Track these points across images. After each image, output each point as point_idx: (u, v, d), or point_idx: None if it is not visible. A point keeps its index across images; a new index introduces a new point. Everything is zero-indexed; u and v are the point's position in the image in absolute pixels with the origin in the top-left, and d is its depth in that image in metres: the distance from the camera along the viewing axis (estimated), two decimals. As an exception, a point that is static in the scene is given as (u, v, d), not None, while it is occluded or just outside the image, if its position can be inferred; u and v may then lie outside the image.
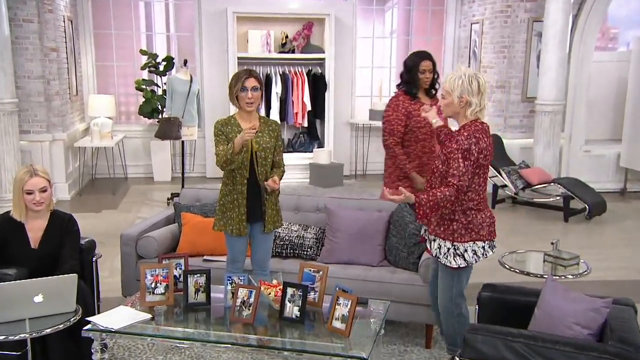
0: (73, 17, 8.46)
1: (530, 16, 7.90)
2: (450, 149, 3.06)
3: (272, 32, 8.40)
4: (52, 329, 2.77)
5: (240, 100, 3.42)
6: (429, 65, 4.08)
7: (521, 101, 8.16)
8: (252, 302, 3.03)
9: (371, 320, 3.16)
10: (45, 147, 7.43)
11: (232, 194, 3.46)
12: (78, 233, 3.39)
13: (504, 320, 2.84)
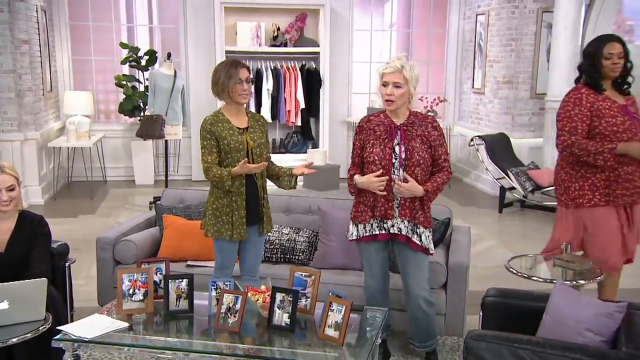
0: (47, 7, 8.46)
1: (540, 6, 7.93)
2: (434, 136, 3.24)
3: (262, 24, 8.43)
4: (18, 339, 2.73)
5: (234, 92, 3.37)
6: (618, 49, 3.46)
7: (530, 98, 8.19)
8: (238, 309, 3.01)
9: (367, 328, 3.15)
10: (16, 147, 7.41)
11: (229, 196, 3.41)
12: (49, 235, 3.35)
13: (510, 326, 2.82)
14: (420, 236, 3.24)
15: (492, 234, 6.73)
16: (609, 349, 2.50)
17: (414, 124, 3.25)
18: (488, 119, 8.80)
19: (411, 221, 3.23)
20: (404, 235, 3.26)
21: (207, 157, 3.38)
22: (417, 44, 10.17)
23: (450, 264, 3.70)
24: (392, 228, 3.27)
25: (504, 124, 8.30)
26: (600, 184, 3.54)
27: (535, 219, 7.26)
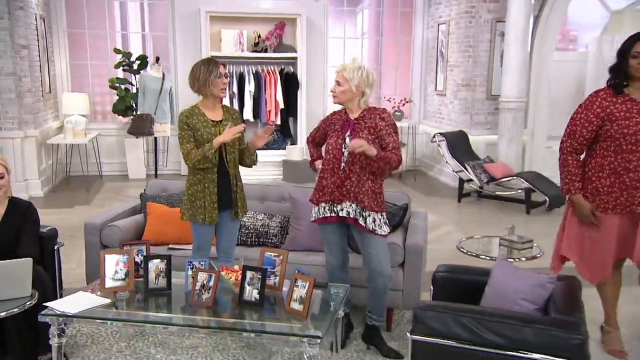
0: (45, 15, 8.32)
1: (494, 17, 7.98)
2: (376, 124, 3.23)
3: (244, 31, 8.38)
4: (6, 313, 2.71)
5: (215, 86, 3.34)
6: None
7: (486, 99, 8.24)
8: (212, 286, 2.99)
9: (331, 303, 3.15)
10: (17, 144, 7.30)
11: (202, 183, 3.38)
12: (37, 221, 3.31)
13: (458, 299, 2.83)
14: (366, 219, 3.24)
15: (451, 220, 6.76)
16: (541, 315, 2.52)
17: (365, 117, 3.27)
18: (449, 118, 8.84)
19: (359, 205, 3.24)
20: (352, 217, 3.26)
21: (186, 145, 3.36)
22: (386, 50, 10.19)
23: (407, 244, 3.70)
24: (342, 211, 3.27)
25: (463, 122, 8.35)
26: (603, 189, 3.17)
27: (490, 207, 7.32)
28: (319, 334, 2.72)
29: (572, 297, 2.58)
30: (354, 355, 3.43)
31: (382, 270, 3.32)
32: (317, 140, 3.55)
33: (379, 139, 3.21)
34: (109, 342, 3.53)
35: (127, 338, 3.57)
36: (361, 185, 3.22)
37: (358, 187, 3.23)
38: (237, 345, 3.49)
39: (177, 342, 3.54)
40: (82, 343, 3.51)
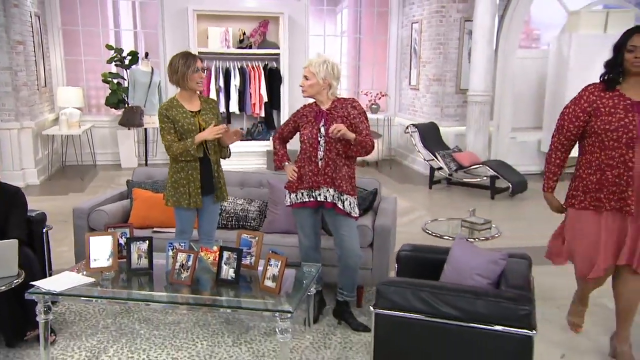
0: (40, 13, 8.17)
1: (462, 16, 7.98)
2: (349, 113, 3.22)
3: (230, 29, 8.27)
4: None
5: (192, 80, 3.29)
6: None
7: (455, 93, 8.26)
8: (190, 265, 2.97)
9: (303, 281, 3.15)
10: (13, 135, 7.18)
11: (185, 170, 3.34)
12: (25, 205, 3.26)
13: (420, 275, 2.84)
14: (344, 202, 3.24)
15: (422, 205, 6.79)
16: (493, 289, 2.54)
17: (336, 107, 3.25)
18: (422, 110, 8.85)
19: (337, 190, 3.23)
20: (330, 202, 3.26)
21: (167, 137, 3.32)
22: (364, 47, 10.16)
23: (376, 226, 3.70)
24: (320, 196, 3.27)
25: (434, 114, 8.36)
26: (592, 186, 2.86)
27: (458, 193, 7.36)
28: (290, 309, 2.72)
29: (522, 273, 2.61)
30: (325, 329, 3.43)
31: (353, 249, 3.33)
32: (285, 135, 3.49)
33: (352, 127, 3.19)
34: (95, 319, 3.51)
35: (113, 315, 3.54)
36: (338, 171, 3.23)
37: (335, 173, 3.23)
38: (216, 321, 3.48)
39: (160, 318, 3.52)
40: (70, 320, 3.48)
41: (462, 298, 2.41)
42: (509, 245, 4.58)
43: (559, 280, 3.83)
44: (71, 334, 3.31)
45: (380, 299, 2.55)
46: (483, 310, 2.37)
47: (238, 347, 3.19)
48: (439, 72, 8.26)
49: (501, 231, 3.83)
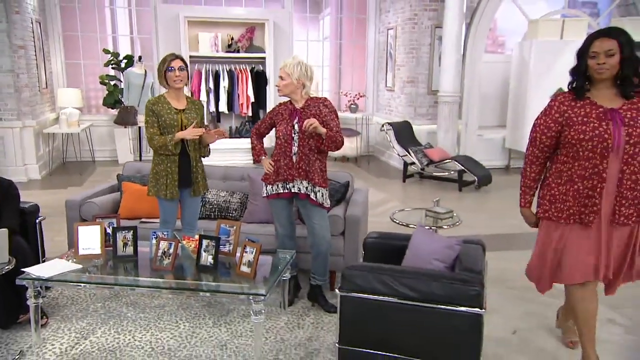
0: (42, 19, 8.04)
1: (433, 24, 7.98)
2: (320, 111, 3.19)
3: (219, 34, 8.21)
4: (-16, 278, 2.62)
5: (169, 78, 3.29)
6: (607, 45, 2.37)
7: (427, 94, 8.26)
8: (172, 253, 2.95)
9: (278, 266, 3.13)
10: (16, 133, 7.07)
11: (165, 163, 3.32)
12: (17, 197, 3.20)
13: (384, 260, 2.81)
14: (317, 194, 3.23)
15: (396, 197, 6.80)
16: (447, 272, 2.55)
17: (309, 106, 3.24)
18: (397, 110, 8.86)
19: (310, 182, 3.22)
20: (304, 193, 3.25)
21: (150, 129, 3.30)
22: (345, 52, 10.13)
23: (347, 216, 3.69)
24: (294, 188, 3.25)
25: (408, 114, 8.37)
26: (559, 197, 2.57)
27: (429, 185, 7.38)
28: (263, 292, 2.72)
29: (475, 257, 2.62)
30: (300, 311, 3.43)
31: (324, 237, 3.32)
32: (262, 131, 3.47)
33: (323, 124, 3.17)
34: (86, 302, 3.47)
35: (103, 299, 3.51)
36: (311, 165, 3.22)
37: (309, 167, 3.22)
38: (198, 305, 3.46)
39: (146, 302, 3.49)
40: (62, 304, 3.45)
41: (419, 280, 2.41)
42: (472, 233, 4.60)
43: (512, 265, 3.86)
44: (62, 317, 3.27)
45: (345, 282, 2.54)
46: (438, 291, 2.38)
47: (218, 328, 3.18)
48: (412, 75, 8.26)
49: (462, 220, 3.84)
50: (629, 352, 3.05)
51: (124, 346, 2.96)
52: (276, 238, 3.49)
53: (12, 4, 6.92)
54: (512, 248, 4.59)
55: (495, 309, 3.38)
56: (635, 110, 2.42)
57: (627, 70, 2.38)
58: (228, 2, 9.26)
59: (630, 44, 2.36)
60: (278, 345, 3.00)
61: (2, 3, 6.79)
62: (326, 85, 10.23)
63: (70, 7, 8.62)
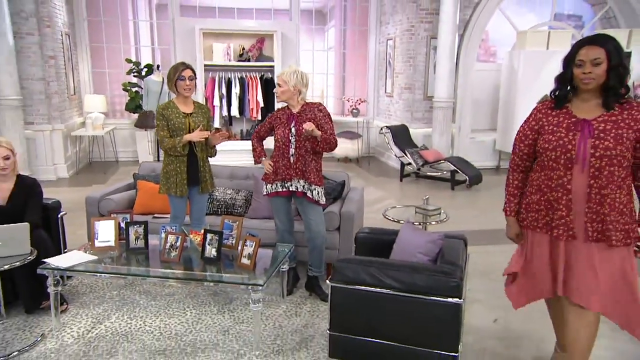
0: (71, 32, 8.12)
1: (429, 34, 7.92)
2: (315, 115, 3.19)
3: (232, 44, 8.23)
4: (9, 266, 2.66)
5: (179, 87, 3.32)
6: (594, 54, 2.08)
7: (423, 99, 8.21)
8: (178, 246, 2.97)
9: (277, 259, 3.14)
10: (46, 135, 7.15)
11: (175, 163, 3.35)
12: (41, 194, 3.24)
13: (374, 254, 2.83)
14: (312, 192, 3.23)
15: (393, 196, 6.77)
16: (429, 264, 2.53)
17: (305, 111, 3.23)
18: (395, 114, 8.82)
19: (306, 181, 3.23)
20: (301, 191, 3.25)
21: (160, 132, 3.33)
22: (348, 61, 10.11)
23: (342, 212, 3.69)
24: (291, 187, 3.26)
25: (405, 118, 8.33)
26: (533, 206, 2.32)
27: (424, 185, 7.34)
28: (261, 283, 2.73)
29: (456, 251, 2.60)
30: (298, 300, 3.43)
31: (319, 231, 3.32)
32: (262, 134, 3.46)
33: (318, 127, 3.17)
34: (102, 290, 3.51)
35: (118, 288, 3.54)
36: (307, 165, 3.22)
37: (305, 167, 3.22)
38: (205, 293, 3.48)
39: (157, 290, 3.52)
40: (81, 292, 3.48)
41: (403, 272, 2.41)
42: (463, 228, 4.57)
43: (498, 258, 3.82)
44: (81, 304, 3.31)
45: (335, 274, 2.54)
46: (420, 282, 2.37)
47: (222, 315, 3.20)
48: (409, 82, 8.22)
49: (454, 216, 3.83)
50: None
51: (135, 331, 2.99)
52: (276, 233, 3.49)
53: (44, 19, 7.00)
54: (499, 242, 4.56)
55: (479, 299, 3.36)
56: (611, 122, 2.10)
57: (613, 80, 2.07)
58: (240, 15, 9.29)
59: (618, 52, 2.08)
60: (276, 331, 3.01)
61: (35, 18, 6.87)
62: (331, 92, 10.22)
63: (97, 21, 8.71)
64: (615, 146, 2.07)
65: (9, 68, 6.40)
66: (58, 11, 7.47)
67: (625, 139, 2.08)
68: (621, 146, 2.07)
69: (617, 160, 2.09)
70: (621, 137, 2.08)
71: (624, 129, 2.08)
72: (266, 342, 2.88)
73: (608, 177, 2.11)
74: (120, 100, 9.08)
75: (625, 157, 2.10)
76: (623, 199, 2.14)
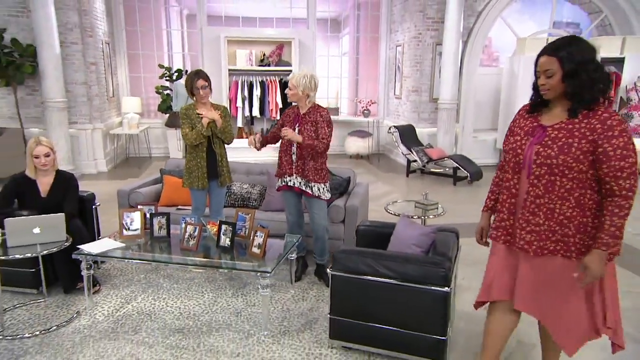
0: (110, 41, 8.26)
1: (434, 41, 7.80)
2: (317, 119, 3.15)
3: (253, 51, 8.25)
4: (48, 251, 2.75)
5: (196, 95, 3.37)
6: (545, 64, 1.85)
7: (429, 101, 8.10)
8: (196, 235, 3.02)
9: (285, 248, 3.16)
10: (88, 134, 7.31)
11: (196, 160, 3.41)
12: (77, 187, 3.31)
13: (374, 245, 2.84)
14: (312, 188, 3.23)
15: (399, 190, 6.72)
16: (421, 255, 2.51)
17: (310, 113, 3.22)
18: (403, 115, 8.73)
19: (304, 178, 3.23)
20: (297, 187, 3.26)
21: (185, 129, 3.39)
22: (361, 65, 10.02)
23: (347, 206, 3.70)
24: (290, 182, 3.27)
25: (412, 118, 8.24)
26: (499, 207, 2.10)
27: (428, 180, 7.26)
28: (268, 270, 2.75)
29: (447, 243, 2.57)
30: (306, 286, 3.45)
31: (320, 223, 3.33)
32: (274, 130, 3.41)
33: (317, 130, 3.17)
34: (131, 274, 3.59)
35: (145, 272, 3.62)
36: (306, 164, 3.22)
37: (303, 165, 3.22)
38: (222, 278, 3.53)
39: (179, 275, 3.58)
40: (113, 275, 3.57)
41: (396, 263, 2.40)
42: (462, 221, 4.51)
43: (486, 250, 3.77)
44: (112, 285, 3.40)
45: (335, 263, 2.55)
46: (412, 272, 2.36)
47: (235, 298, 3.24)
48: (416, 85, 8.12)
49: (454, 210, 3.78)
50: None
51: (158, 310, 3.05)
52: (287, 224, 3.52)
53: (87, 29, 7.14)
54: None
55: (468, 287, 3.33)
56: (565, 131, 1.82)
57: (571, 87, 1.79)
58: (261, 24, 9.30)
59: (573, 57, 1.77)
60: (284, 314, 3.04)
61: (79, 29, 7.01)
62: (345, 94, 10.17)
63: (134, 31, 8.83)
64: (558, 155, 1.80)
65: (55, 74, 6.57)
66: (99, 22, 7.61)
67: (576, 149, 1.78)
68: (566, 156, 1.79)
69: (559, 170, 1.81)
70: (569, 147, 1.79)
71: (576, 139, 1.78)
72: (274, 323, 2.91)
73: (546, 186, 1.84)
74: (154, 101, 9.22)
75: (571, 167, 1.79)
76: (567, 211, 1.83)
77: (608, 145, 1.73)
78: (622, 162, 1.72)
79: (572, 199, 1.83)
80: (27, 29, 6.80)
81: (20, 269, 3.10)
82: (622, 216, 1.75)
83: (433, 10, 7.69)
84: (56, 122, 6.72)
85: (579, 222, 1.84)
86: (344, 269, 2.52)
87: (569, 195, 1.83)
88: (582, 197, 1.83)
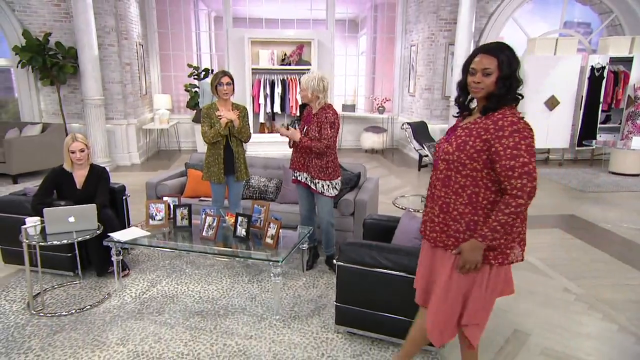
0: (144, 42, 8.39)
1: (447, 41, 7.63)
2: (321, 120, 3.14)
3: (275, 51, 8.25)
4: (82, 238, 2.84)
5: (219, 91, 3.40)
6: (486, 63, 1.77)
7: (441, 99, 7.95)
8: (215, 226, 3.07)
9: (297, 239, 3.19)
10: (123, 129, 7.49)
11: (214, 156, 3.46)
12: (108, 179, 3.39)
13: (379, 238, 2.83)
14: (316, 185, 3.23)
15: (411, 184, 6.64)
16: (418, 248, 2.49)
17: (319, 114, 3.22)
18: (417, 112, 8.60)
19: (309, 174, 3.24)
20: (304, 182, 3.27)
21: (204, 128, 3.43)
22: (378, 64, 9.90)
23: (356, 200, 3.69)
24: (298, 177, 3.30)
25: (425, 115, 8.12)
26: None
27: (439, 175, 7.15)
28: (279, 259, 2.79)
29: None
30: (316, 274, 3.47)
31: (324, 217, 3.34)
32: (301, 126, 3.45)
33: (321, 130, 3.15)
34: (157, 260, 3.69)
35: (169, 258, 3.71)
36: (309, 161, 3.22)
37: (308, 162, 3.23)
38: (240, 266, 3.59)
39: (201, 262, 3.66)
40: (141, 260, 3.68)
41: (397, 255, 2.40)
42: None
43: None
44: (140, 270, 3.50)
45: (341, 255, 2.56)
46: (411, 264, 2.35)
47: (251, 284, 3.29)
48: (429, 83, 7.97)
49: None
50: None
51: (180, 294, 3.14)
52: (300, 216, 3.54)
53: (122, 32, 7.28)
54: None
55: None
56: (468, 129, 1.78)
57: (500, 90, 1.74)
58: (283, 25, 9.28)
59: (510, 62, 1.75)
60: (295, 300, 3.07)
61: (115, 32, 7.16)
62: (362, 91, 10.08)
63: (165, 33, 8.95)
64: (454, 152, 1.78)
65: (94, 74, 6.74)
66: (134, 25, 7.75)
67: (470, 147, 1.74)
68: (461, 153, 1.76)
69: (454, 166, 1.78)
70: (465, 145, 1.75)
71: (471, 137, 1.75)
72: (285, 308, 2.95)
73: (444, 181, 1.84)
74: (183, 98, 9.34)
75: (464, 164, 1.75)
76: (459, 207, 1.80)
77: (499, 145, 1.69)
78: (512, 161, 1.67)
79: (465, 196, 1.79)
80: (69, 33, 6.99)
81: (58, 253, 3.23)
82: (507, 213, 1.70)
83: (446, 11, 7.51)
84: (94, 118, 6.91)
85: (470, 220, 1.79)
86: (349, 260, 2.53)
87: (463, 192, 1.80)
88: (474, 195, 1.78)
